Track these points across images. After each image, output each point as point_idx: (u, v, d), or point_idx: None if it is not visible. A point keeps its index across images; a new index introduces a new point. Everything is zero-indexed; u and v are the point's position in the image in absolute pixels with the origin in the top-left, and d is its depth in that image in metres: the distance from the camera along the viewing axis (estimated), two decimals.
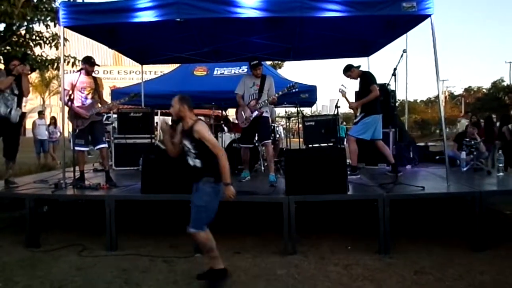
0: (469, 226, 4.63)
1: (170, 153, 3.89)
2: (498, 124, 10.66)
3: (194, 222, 3.58)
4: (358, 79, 6.27)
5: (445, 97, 49.73)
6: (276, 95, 5.98)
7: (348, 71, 6.24)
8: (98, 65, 5.88)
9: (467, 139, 7.23)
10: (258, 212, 5.86)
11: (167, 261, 4.30)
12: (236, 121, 6.67)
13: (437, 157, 7.96)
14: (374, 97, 5.98)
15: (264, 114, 6.04)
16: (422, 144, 9.60)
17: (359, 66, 6.28)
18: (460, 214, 5.60)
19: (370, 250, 4.49)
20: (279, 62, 21.57)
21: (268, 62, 12.62)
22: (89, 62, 5.65)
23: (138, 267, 4.17)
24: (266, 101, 5.96)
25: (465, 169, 6.53)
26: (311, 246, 4.68)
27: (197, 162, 3.63)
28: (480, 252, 4.39)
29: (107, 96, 7.49)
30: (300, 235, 4.61)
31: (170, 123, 4.11)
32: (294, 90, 6.17)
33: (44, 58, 9.40)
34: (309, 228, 5.23)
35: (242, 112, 6.09)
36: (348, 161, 5.68)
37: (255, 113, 5.96)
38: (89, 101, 5.62)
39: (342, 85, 6.26)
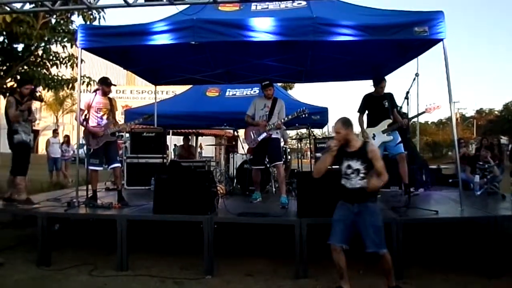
0: (484, 251, 4.54)
1: (317, 173, 4.01)
2: (510, 146, 10.53)
3: (380, 242, 3.63)
4: (382, 95, 6.13)
5: (457, 119, 49.40)
6: (283, 120, 5.99)
7: (384, 83, 6.13)
8: (115, 85, 6.00)
9: (481, 163, 7.15)
10: (269, 234, 5.82)
11: (177, 283, 4.28)
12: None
13: (450, 180, 7.88)
14: None
15: (274, 136, 6.06)
16: (434, 166, 9.52)
17: None
18: (475, 239, 5.50)
19: (383, 275, 4.41)
20: (290, 83, 21.68)
21: (279, 84, 12.71)
22: (105, 83, 5.76)
23: None
24: (273, 124, 5.97)
25: (479, 193, 6.46)
26: (323, 270, 4.61)
27: (364, 182, 3.70)
28: (496, 278, 4.30)
29: (120, 116, 7.59)
30: (311, 259, 4.56)
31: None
32: (304, 116, 6.12)
33: (60, 78, 9.60)
34: (321, 252, 5.16)
35: (251, 133, 6.14)
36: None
37: (264, 134, 5.99)
38: (104, 121, 5.70)
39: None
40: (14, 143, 5.42)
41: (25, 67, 9.31)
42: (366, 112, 6.24)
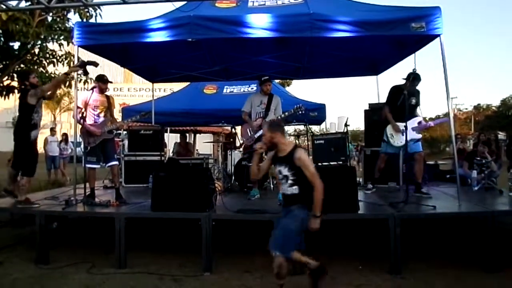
0: (481, 246, 4.56)
1: (251, 175, 4.07)
2: (507, 142, 10.57)
3: (281, 246, 3.51)
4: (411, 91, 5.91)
5: (454, 115, 49.40)
6: (280, 117, 6.00)
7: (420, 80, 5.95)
8: (111, 82, 5.99)
9: (478, 158, 7.16)
10: (267, 231, 5.81)
11: (176, 280, 4.28)
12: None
13: (448, 176, 7.89)
14: None
15: None
16: (432, 162, 9.54)
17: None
18: (472, 234, 5.52)
19: (381, 270, 4.44)
20: (288, 80, 21.70)
21: (277, 80, 12.71)
22: (102, 80, 5.75)
23: (147, 285, 4.16)
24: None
25: (476, 188, 6.47)
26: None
27: (294, 189, 3.62)
28: (493, 273, 4.32)
29: (117, 113, 7.56)
30: (309, 254, 4.56)
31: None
32: (300, 112, 6.11)
33: (57, 76, 9.57)
34: (319, 248, 5.17)
35: (248, 130, 6.15)
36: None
37: (260, 131, 6.00)
38: (101, 119, 5.70)
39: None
40: (30, 141, 5.16)
41: (22, 65, 9.29)
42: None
